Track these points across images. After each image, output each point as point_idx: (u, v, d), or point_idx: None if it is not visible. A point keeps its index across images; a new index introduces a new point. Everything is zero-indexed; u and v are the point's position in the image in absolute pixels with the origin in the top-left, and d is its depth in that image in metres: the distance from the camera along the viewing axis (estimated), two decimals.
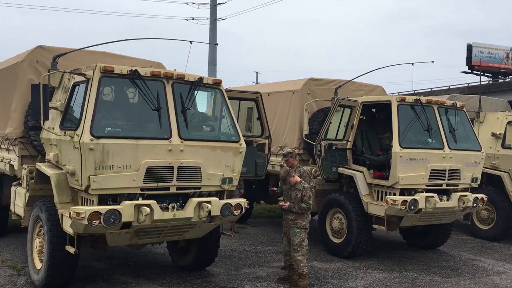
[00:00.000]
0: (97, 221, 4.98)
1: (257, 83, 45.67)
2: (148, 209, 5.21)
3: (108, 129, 5.40)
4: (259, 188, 10.40)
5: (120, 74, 5.49)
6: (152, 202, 5.31)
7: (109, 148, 5.13)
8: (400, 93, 27.77)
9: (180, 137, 5.58)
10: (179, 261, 7.02)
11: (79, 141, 5.06)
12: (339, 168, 8.19)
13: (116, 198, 5.34)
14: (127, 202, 5.19)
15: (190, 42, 7.23)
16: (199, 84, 5.99)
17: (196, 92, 6.08)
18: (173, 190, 5.60)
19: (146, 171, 5.34)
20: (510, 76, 43.69)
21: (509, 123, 9.93)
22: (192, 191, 5.76)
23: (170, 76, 5.75)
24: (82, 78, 5.53)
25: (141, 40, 7.18)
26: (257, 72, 53.87)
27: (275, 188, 7.07)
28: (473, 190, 8.38)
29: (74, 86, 5.76)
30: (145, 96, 5.56)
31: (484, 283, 7.03)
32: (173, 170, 5.51)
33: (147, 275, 6.65)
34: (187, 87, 5.91)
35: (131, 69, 5.52)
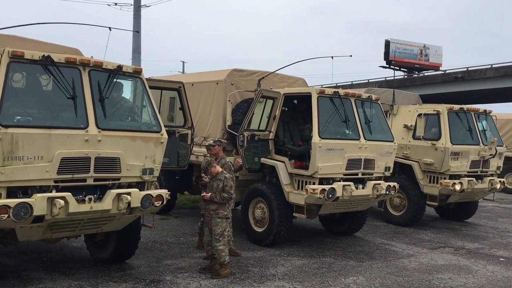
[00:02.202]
0: (6, 215, 4.71)
1: (183, 72, 45.09)
2: (62, 202, 4.99)
3: (18, 117, 5.10)
4: (183, 179, 10.34)
5: (31, 59, 5.18)
6: (67, 194, 5.10)
7: (19, 137, 4.84)
8: (323, 86, 28.75)
9: (98, 127, 5.39)
10: (98, 254, 6.80)
11: None
12: (261, 158, 8.33)
13: (27, 191, 5.06)
14: (39, 195, 4.95)
15: (109, 28, 7.01)
16: (118, 72, 5.81)
17: (115, 80, 5.90)
18: (90, 181, 5.41)
19: (61, 162, 5.11)
20: (423, 72, 46.55)
21: (419, 115, 10.53)
22: (111, 182, 5.60)
23: (86, 63, 5.53)
24: None
25: (58, 25, 6.86)
26: (183, 62, 53.28)
27: (203, 175, 7.03)
28: (386, 179, 8.87)
29: None
30: (59, 84, 5.31)
31: (394, 266, 7.50)
32: (90, 161, 5.33)
33: (63, 270, 6.39)
34: (106, 75, 5.72)
35: (44, 55, 5.23)
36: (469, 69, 37.46)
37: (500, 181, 10.92)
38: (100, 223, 5.80)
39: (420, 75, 44.23)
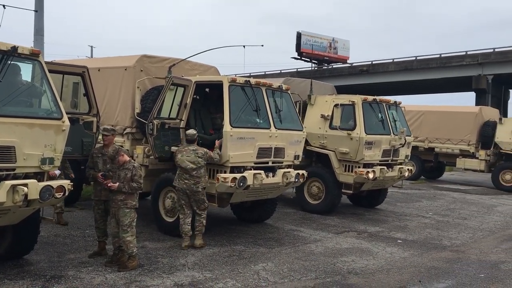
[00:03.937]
0: None
1: (91, 57, 42.99)
2: None
3: None
4: None
5: None
6: None
7: None
8: (237, 75, 28.90)
9: None
10: None
11: None
12: (172, 147, 8.16)
13: None
14: None
15: (3, 6, 6.48)
16: (12, 54, 5.36)
17: (9, 62, 5.43)
18: None
19: None
20: (332, 64, 48.49)
21: (335, 106, 10.76)
22: (4, 173, 5.19)
23: None
24: None
25: None
26: (91, 46, 50.74)
27: (108, 180, 6.63)
28: (299, 167, 9.07)
29: None
30: None
31: (302, 251, 7.75)
32: None
33: None
34: None
35: None
36: (374, 62, 39.70)
37: (408, 169, 11.61)
38: None
39: (329, 67, 46.06)
